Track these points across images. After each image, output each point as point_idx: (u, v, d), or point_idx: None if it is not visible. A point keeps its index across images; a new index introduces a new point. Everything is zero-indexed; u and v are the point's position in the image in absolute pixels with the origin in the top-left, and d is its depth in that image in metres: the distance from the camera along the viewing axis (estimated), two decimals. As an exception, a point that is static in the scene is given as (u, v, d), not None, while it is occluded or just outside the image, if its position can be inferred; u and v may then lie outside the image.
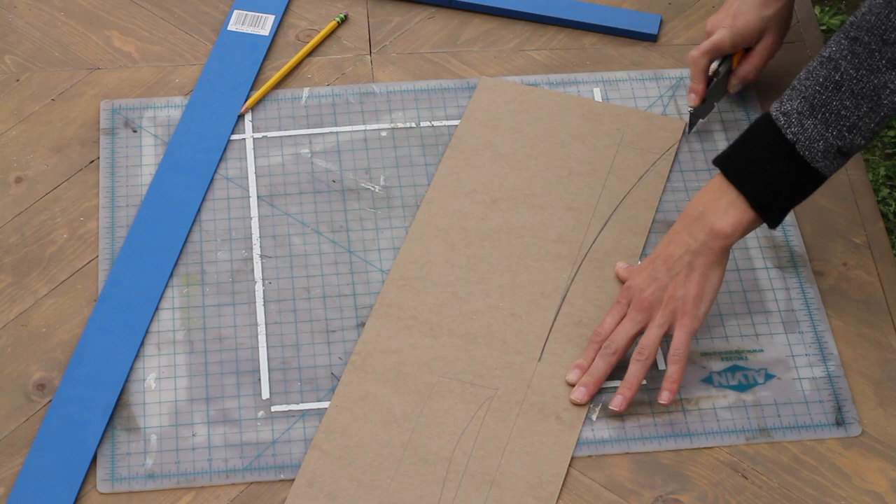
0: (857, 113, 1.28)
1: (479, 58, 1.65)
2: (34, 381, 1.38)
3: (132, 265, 1.45)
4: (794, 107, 1.30)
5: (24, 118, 1.58)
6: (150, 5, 1.69)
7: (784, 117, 1.30)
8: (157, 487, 1.31)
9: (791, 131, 1.30)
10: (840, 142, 1.29)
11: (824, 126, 1.29)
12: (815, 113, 1.29)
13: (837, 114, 1.28)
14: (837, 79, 1.28)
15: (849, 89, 1.27)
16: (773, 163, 1.31)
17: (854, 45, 1.26)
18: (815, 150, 1.30)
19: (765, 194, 1.32)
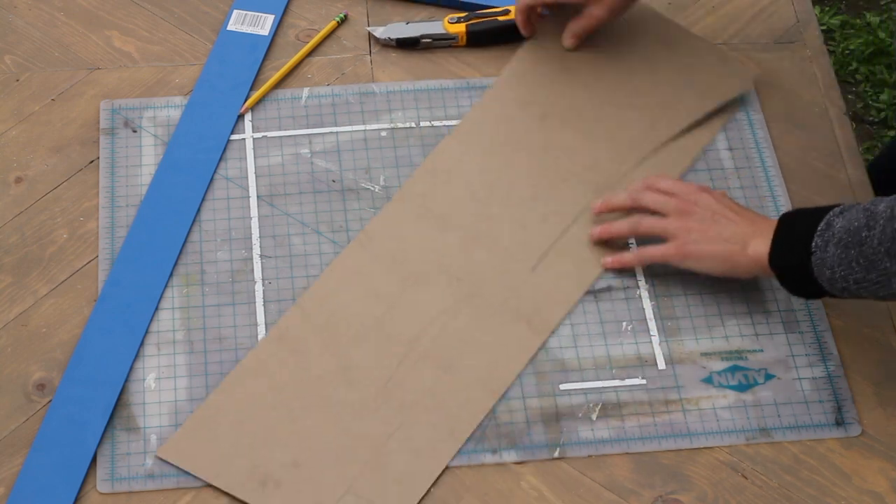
0: (865, 275, 1.27)
1: (480, 58, 1.65)
2: (34, 381, 1.38)
3: (132, 265, 1.45)
4: (837, 225, 1.29)
5: (24, 118, 1.58)
6: (150, 5, 1.69)
7: (825, 226, 1.30)
8: (157, 487, 1.31)
9: (817, 242, 1.30)
10: (845, 284, 1.29)
11: (838, 262, 1.28)
12: (839, 246, 1.28)
13: (850, 264, 1.27)
14: (864, 236, 1.26)
15: (866, 255, 1.26)
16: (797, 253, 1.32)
17: (889, 222, 1.25)
18: (822, 273, 1.30)
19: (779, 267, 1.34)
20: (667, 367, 1.39)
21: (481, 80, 1.62)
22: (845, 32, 2.76)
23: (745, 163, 1.55)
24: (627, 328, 1.42)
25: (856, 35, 2.74)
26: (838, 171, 1.54)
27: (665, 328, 1.42)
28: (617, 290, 1.45)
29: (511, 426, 1.35)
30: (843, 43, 2.73)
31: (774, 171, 1.54)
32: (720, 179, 1.54)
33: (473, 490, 1.32)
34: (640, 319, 1.42)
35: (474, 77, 1.62)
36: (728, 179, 1.54)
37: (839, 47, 2.72)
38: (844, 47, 2.72)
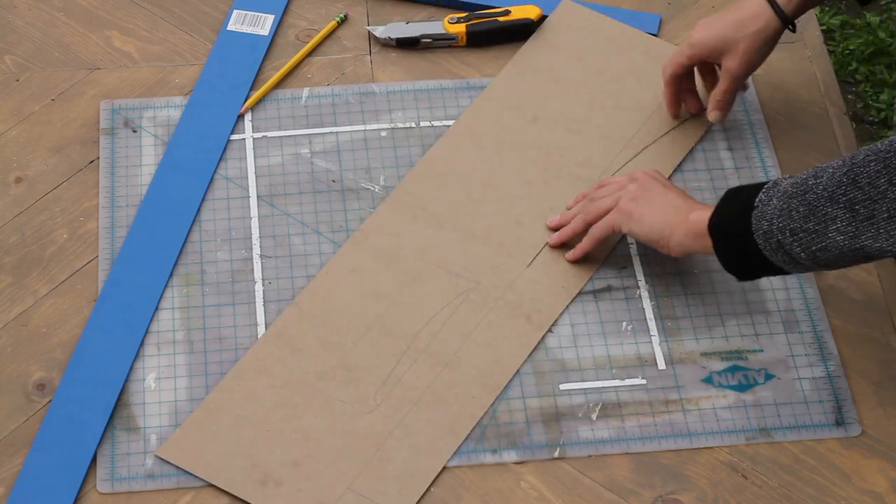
0: (802, 224, 1.26)
1: (479, 58, 1.65)
2: (34, 381, 1.38)
3: (132, 265, 1.45)
4: (784, 183, 1.30)
5: (24, 118, 1.58)
6: (150, 5, 1.69)
7: (772, 184, 1.31)
8: (157, 487, 1.31)
9: (761, 197, 1.30)
10: (780, 236, 1.28)
11: (778, 213, 1.28)
12: (783, 198, 1.28)
13: (790, 212, 1.27)
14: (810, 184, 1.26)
15: (808, 200, 1.26)
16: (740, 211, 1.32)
17: (838, 169, 1.25)
18: (759, 226, 1.29)
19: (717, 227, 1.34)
20: (667, 367, 1.39)
21: (481, 80, 1.62)
22: (845, 32, 2.76)
23: (745, 163, 1.55)
24: (627, 328, 1.42)
25: (856, 35, 2.74)
26: (838, 171, 1.54)
27: (665, 328, 1.42)
28: (617, 290, 1.45)
29: (511, 426, 1.35)
30: (843, 43, 2.73)
31: (774, 170, 1.54)
32: (720, 179, 1.54)
33: (473, 490, 1.32)
34: (640, 319, 1.42)
35: (474, 77, 1.62)
36: (728, 179, 1.54)
37: (839, 47, 2.72)
38: (844, 47, 2.72)
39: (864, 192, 1.23)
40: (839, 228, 1.25)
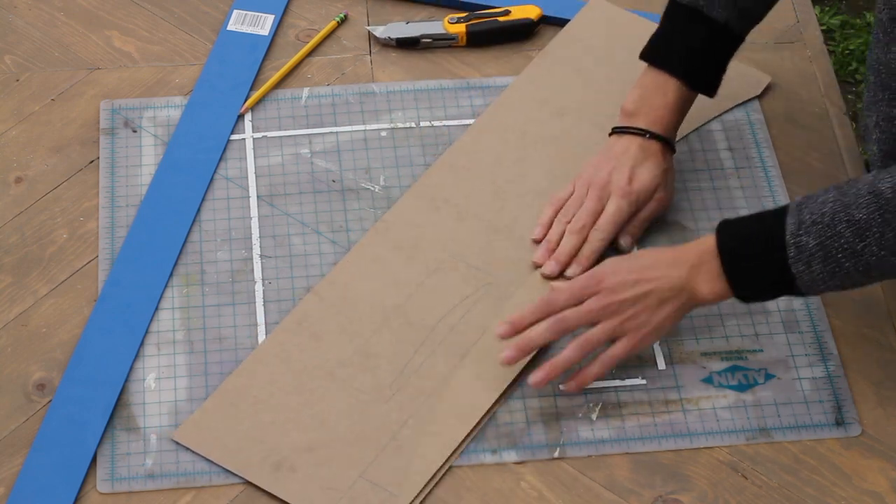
0: (865, 278, 1.29)
1: (479, 58, 1.65)
2: (34, 381, 1.38)
3: (132, 265, 1.45)
4: (808, 245, 1.28)
5: (24, 118, 1.58)
6: (150, 5, 1.69)
7: (796, 250, 1.28)
8: (156, 487, 1.31)
9: (797, 268, 1.28)
10: (839, 288, 1.30)
11: (830, 276, 1.28)
12: (826, 262, 1.27)
13: (847, 273, 1.27)
14: (859, 248, 1.26)
15: (866, 262, 1.26)
16: (775, 283, 1.31)
17: (885, 228, 1.25)
18: (814, 290, 1.30)
19: (751, 297, 1.34)
20: (667, 367, 1.39)
21: (481, 80, 1.62)
22: (845, 32, 2.76)
23: (745, 163, 1.55)
24: (627, 328, 1.42)
25: (856, 35, 2.74)
26: (838, 171, 1.54)
27: (665, 328, 1.42)
28: (617, 290, 1.44)
29: (511, 426, 1.35)
30: (843, 43, 2.73)
31: (774, 171, 1.54)
32: (720, 179, 1.54)
33: (473, 490, 1.32)
34: (640, 319, 1.42)
35: (474, 77, 1.63)
36: (728, 179, 1.54)
37: (839, 47, 2.72)
38: (844, 47, 2.72)
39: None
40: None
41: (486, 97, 1.60)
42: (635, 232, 1.47)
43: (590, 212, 1.45)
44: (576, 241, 1.45)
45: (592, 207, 1.45)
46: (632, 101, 1.48)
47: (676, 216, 1.49)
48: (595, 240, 1.45)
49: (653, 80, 1.47)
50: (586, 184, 1.47)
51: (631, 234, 1.47)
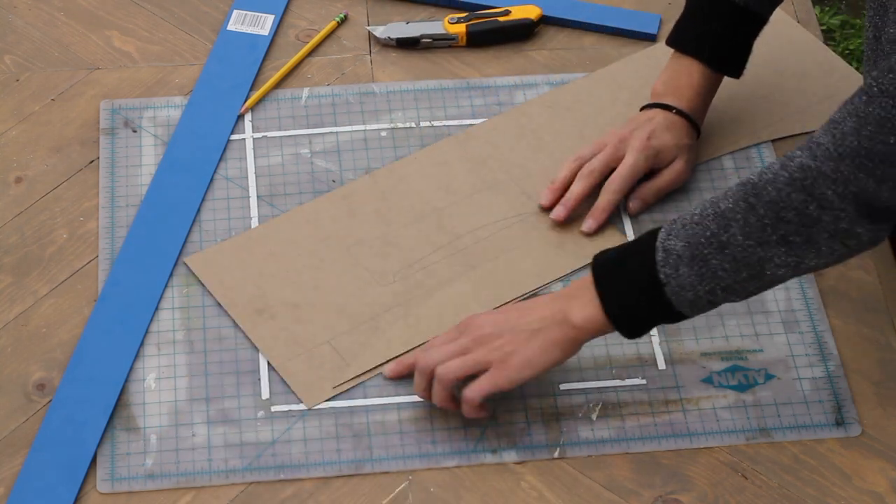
0: (735, 277, 1.24)
1: (479, 58, 1.65)
2: (34, 381, 1.38)
3: (132, 265, 1.45)
4: (676, 247, 1.25)
5: (24, 118, 1.58)
6: (150, 5, 1.69)
7: (664, 254, 1.26)
8: (156, 487, 1.31)
9: (665, 272, 1.25)
10: (711, 297, 1.26)
11: (698, 279, 1.25)
12: (693, 263, 1.24)
13: (714, 273, 1.24)
14: (724, 240, 1.23)
15: (732, 254, 1.23)
16: (641, 290, 1.27)
17: (749, 213, 1.22)
18: (684, 298, 1.26)
19: (623, 316, 1.29)
20: (667, 367, 1.39)
21: (481, 80, 1.62)
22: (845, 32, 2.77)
23: (745, 163, 1.55)
24: (627, 328, 1.42)
25: (856, 35, 2.74)
26: (838, 171, 1.54)
27: (665, 328, 1.42)
28: (617, 290, 1.45)
29: (511, 426, 1.35)
30: (843, 43, 2.73)
31: (774, 171, 1.54)
32: (720, 179, 1.54)
33: (473, 490, 1.32)
34: (640, 319, 1.42)
35: (474, 77, 1.63)
36: (728, 179, 1.54)
37: (839, 47, 2.72)
38: (844, 47, 2.72)
39: (796, 224, 1.21)
40: (778, 263, 1.23)
41: (486, 97, 1.60)
42: (647, 198, 1.49)
43: (603, 160, 1.48)
44: (585, 185, 1.47)
45: (607, 157, 1.48)
46: (661, 83, 1.52)
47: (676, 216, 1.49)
48: (609, 192, 1.47)
49: (679, 64, 1.51)
50: (607, 144, 1.50)
51: (642, 199, 1.49)
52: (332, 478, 1.32)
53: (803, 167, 1.20)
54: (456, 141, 1.55)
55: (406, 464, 1.33)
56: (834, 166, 1.19)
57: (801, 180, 1.21)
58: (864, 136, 1.18)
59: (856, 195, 1.19)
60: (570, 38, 1.68)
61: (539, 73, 1.63)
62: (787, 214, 1.21)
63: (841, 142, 1.19)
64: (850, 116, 1.19)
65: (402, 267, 1.44)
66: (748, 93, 1.58)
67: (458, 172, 1.52)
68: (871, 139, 1.18)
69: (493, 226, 1.48)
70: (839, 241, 1.22)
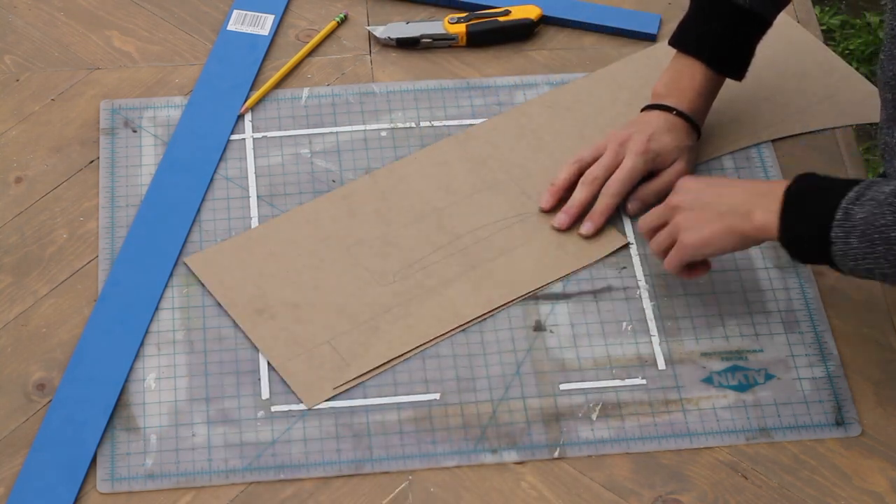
0: (894, 270, 1.26)
1: (479, 58, 1.65)
2: (34, 381, 1.38)
3: (132, 265, 1.45)
4: (856, 216, 1.26)
5: (24, 118, 1.58)
6: (150, 5, 1.69)
7: (843, 215, 1.26)
8: (156, 487, 1.31)
9: (836, 233, 1.26)
10: (868, 274, 1.27)
11: (862, 256, 1.26)
12: (862, 240, 1.25)
13: (877, 259, 1.25)
14: (893, 236, 1.24)
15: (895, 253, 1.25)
16: (813, 236, 1.29)
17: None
18: (845, 263, 1.27)
19: (793, 244, 1.31)
20: (667, 367, 1.39)
21: (481, 80, 1.62)
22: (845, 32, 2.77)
23: (745, 163, 1.55)
24: (627, 328, 1.42)
25: (856, 35, 2.74)
26: (838, 171, 1.54)
27: (665, 328, 1.42)
28: (617, 290, 1.45)
29: (511, 426, 1.35)
30: (843, 43, 2.74)
31: (774, 171, 1.54)
32: (720, 179, 1.54)
33: (473, 490, 1.32)
34: (640, 319, 1.42)
35: (474, 77, 1.63)
36: (728, 179, 1.54)
37: (839, 47, 2.72)
38: (844, 47, 2.72)
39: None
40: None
41: (486, 97, 1.60)
42: (647, 199, 1.49)
43: (604, 166, 1.48)
44: (587, 193, 1.48)
45: (608, 162, 1.48)
46: (662, 84, 1.52)
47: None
48: (608, 195, 1.47)
49: (681, 64, 1.50)
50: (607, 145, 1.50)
51: (641, 200, 1.49)
52: (332, 478, 1.32)
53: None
54: (456, 141, 1.55)
55: (406, 464, 1.33)
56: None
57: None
58: None
59: None
60: (570, 38, 1.68)
61: (539, 73, 1.63)
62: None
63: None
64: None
65: (402, 267, 1.44)
66: (748, 93, 1.58)
67: (458, 172, 1.52)
68: None
69: (493, 226, 1.48)
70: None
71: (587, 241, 1.47)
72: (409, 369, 1.39)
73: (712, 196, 1.36)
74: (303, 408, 1.36)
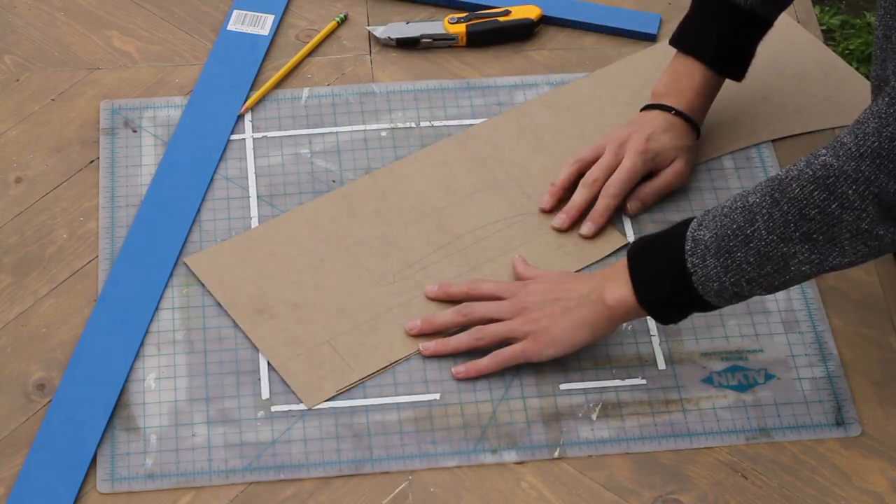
0: (759, 271, 1.26)
1: (479, 58, 1.65)
2: (34, 381, 1.38)
3: (132, 265, 1.45)
4: (704, 237, 1.27)
5: (24, 118, 1.58)
6: (150, 5, 1.69)
7: (692, 243, 1.27)
8: (156, 487, 1.31)
9: (692, 261, 1.27)
10: (737, 289, 1.27)
11: (724, 270, 1.26)
12: (719, 255, 1.26)
13: (739, 266, 1.25)
14: (749, 233, 1.25)
15: (756, 249, 1.25)
16: (671, 278, 1.29)
17: (773, 208, 1.24)
18: (710, 288, 1.27)
19: (654, 301, 1.31)
20: (667, 367, 1.39)
21: (481, 80, 1.62)
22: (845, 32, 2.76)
23: (745, 163, 1.55)
24: (627, 328, 1.42)
25: (856, 35, 2.74)
26: (838, 171, 1.54)
27: (665, 328, 1.42)
28: (617, 290, 1.45)
29: (511, 426, 1.35)
30: (843, 43, 2.73)
31: (774, 170, 1.54)
32: (720, 179, 1.54)
33: (473, 490, 1.32)
34: (641, 319, 1.42)
35: (474, 77, 1.63)
36: (728, 179, 1.54)
37: (839, 47, 2.72)
38: (844, 47, 2.72)
39: (818, 222, 1.22)
40: (802, 260, 1.24)
41: (486, 97, 1.60)
42: (647, 199, 1.49)
43: (604, 167, 1.48)
44: (587, 195, 1.48)
45: (607, 163, 1.48)
46: (662, 83, 1.52)
47: (676, 216, 1.49)
48: (607, 196, 1.47)
49: (681, 64, 1.50)
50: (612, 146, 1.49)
51: (641, 200, 1.49)
52: (332, 478, 1.32)
53: (826, 165, 1.21)
54: (456, 141, 1.55)
55: (406, 464, 1.33)
56: (855, 166, 1.20)
57: (823, 178, 1.21)
58: (885, 137, 1.19)
59: (877, 196, 1.20)
60: (570, 38, 1.68)
61: (539, 73, 1.63)
62: (810, 212, 1.22)
63: (863, 142, 1.20)
64: (873, 117, 1.20)
65: (402, 267, 1.44)
66: (748, 93, 1.58)
67: (458, 172, 1.52)
68: (891, 140, 1.18)
69: (493, 226, 1.48)
70: (861, 241, 1.22)
71: (587, 242, 1.47)
72: (409, 369, 1.39)
73: (561, 291, 1.36)
74: (303, 408, 1.36)
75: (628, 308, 1.32)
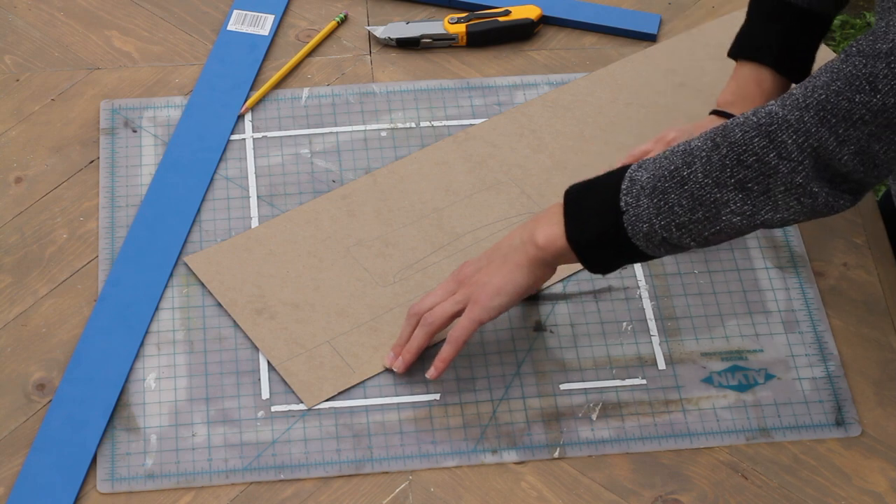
0: (690, 216, 1.25)
1: (479, 58, 1.65)
2: (34, 381, 1.38)
3: (132, 265, 1.45)
4: (641, 178, 1.26)
5: (24, 118, 1.58)
6: (150, 5, 1.69)
7: (629, 183, 1.26)
8: (156, 487, 1.31)
9: (626, 200, 1.26)
10: (666, 233, 1.26)
11: (655, 212, 1.25)
12: (653, 195, 1.25)
13: (671, 208, 1.25)
14: (685, 175, 1.24)
15: (690, 191, 1.24)
16: (601, 215, 1.28)
17: (713, 151, 1.23)
18: (639, 229, 1.26)
19: (582, 241, 1.29)
20: (667, 367, 1.39)
21: (481, 80, 1.62)
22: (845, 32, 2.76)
23: (745, 163, 1.55)
24: (627, 328, 1.42)
25: (856, 35, 2.74)
26: (838, 171, 1.54)
27: (665, 328, 1.42)
28: (617, 290, 1.45)
29: (511, 426, 1.35)
30: (843, 43, 2.73)
31: (774, 171, 1.54)
32: (720, 179, 1.54)
33: (473, 490, 1.32)
34: (640, 319, 1.42)
35: (474, 77, 1.63)
36: (728, 179, 1.54)
37: (839, 47, 2.72)
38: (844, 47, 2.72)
39: (754, 170, 1.22)
40: (734, 210, 1.23)
41: (486, 97, 1.60)
42: None
43: None
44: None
45: None
46: (729, 92, 1.48)
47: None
48: None
49: (747, 72, 1.48)
50: (664, 141, 1.46)
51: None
52: (332, 478, 1.32)
53: (771, 113, 1.21)
54: (456, 141, 1.55)
55: (406, 464, 1.33)
56: (799, 115, 1.20)
57: (766, 125, 1.21)
58: (833, 91, 1.19)
59: (815, 150, 1.20)
60: (570, 38, 1.68)
61: (539, 73, 1.63)
62: (748, 159, 1.22)
63: (811, 93, 1.20)
64: (826, 71, 1.21)
65: (402, 268, 1.44)
66: None
67: (458, 172, 1.52)
68: (838, 94, 1.19)
69: (493, 226, 1.48)
70: (795, 197, 1.22)
71: None
72: (409, 369, 1.39)
73: (495, 248, 1.35)
74: (303, 408, 1.36)
75: (558, 247, 1.30)
